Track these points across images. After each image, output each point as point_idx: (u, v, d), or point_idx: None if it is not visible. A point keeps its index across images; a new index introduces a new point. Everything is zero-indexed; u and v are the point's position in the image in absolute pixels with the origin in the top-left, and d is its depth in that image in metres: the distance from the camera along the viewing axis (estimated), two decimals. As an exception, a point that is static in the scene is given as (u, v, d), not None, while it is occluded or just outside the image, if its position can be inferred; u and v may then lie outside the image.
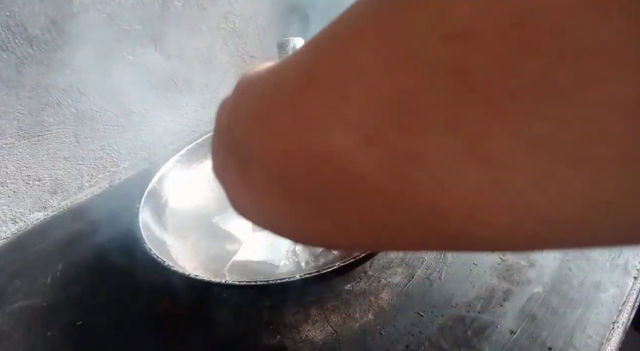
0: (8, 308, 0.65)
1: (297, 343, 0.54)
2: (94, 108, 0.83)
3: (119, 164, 0.92)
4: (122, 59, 0.84)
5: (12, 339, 0.60)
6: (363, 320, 0.55)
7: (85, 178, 0.87)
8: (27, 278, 0.70)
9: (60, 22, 0.74)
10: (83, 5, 0.76)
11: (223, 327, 0.58)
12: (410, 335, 0.52)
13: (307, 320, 0.56)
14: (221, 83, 1.05)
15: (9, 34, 0.69)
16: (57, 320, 0.63)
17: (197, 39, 0.95)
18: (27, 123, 0.75)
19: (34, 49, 0.72)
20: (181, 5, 0.90)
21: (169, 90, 0.95)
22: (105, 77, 0.83)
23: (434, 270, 0.60)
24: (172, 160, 0.72)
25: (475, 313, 0.53)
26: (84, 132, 0.83)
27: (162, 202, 0.67)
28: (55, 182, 0.82)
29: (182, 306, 0.61)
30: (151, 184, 0.66)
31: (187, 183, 0.73)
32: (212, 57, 1.00)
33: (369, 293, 0.59)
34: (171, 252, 0.60)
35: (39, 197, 0.81)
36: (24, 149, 0.76)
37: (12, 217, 0.79)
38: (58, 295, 0.67)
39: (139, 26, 0.85)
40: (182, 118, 0.99)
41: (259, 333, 0.56)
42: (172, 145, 0.99)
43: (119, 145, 0.90)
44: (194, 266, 0.61)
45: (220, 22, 0.99)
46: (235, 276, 0.64)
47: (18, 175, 0.77)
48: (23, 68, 0.72)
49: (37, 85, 0.74)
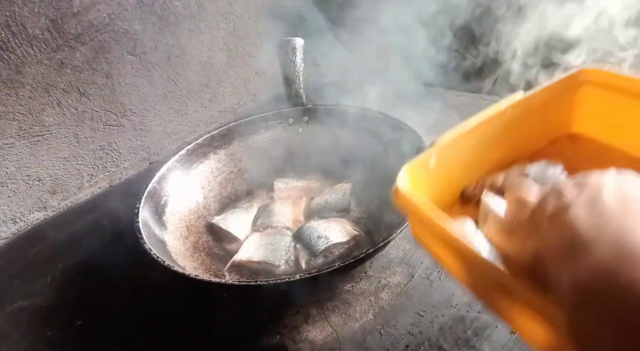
0: (8, 308, 0.65)
1: (297, 343, 0.54)
2: (94, 108, 0.83)
3: (119, 164, 0.92)
4: (122, 58, 0.84)
5: (12, 339, 0.60)
6: (363, 320, 0.55)
7: (85, 178, 0.87)
8: (27, 278, 0.70)
9: (60, 22, 0.74)
10: (83, 5, 0.76)
11: (223, 327, 0.58)
12: (410, 335, 0.52)
13: (307, 320, 0.56)
14: (221, 83, 1.05)
15: (9, 34, 0.69)
16: (57, 320, 0.63)
17: (197, 39, 0.95)
18: (27, 123, 0.75)
19: (34, 49, 0.72)
20: (181, 5, 0.90)
21: (169, 90, 0.95)
22: (106, 77, 0.83)
23: (434, 270, 0.60)
24: (172, 160, 0.72)
25: (475, 313, 0.53)
26: (84, 132, 0.83)
27: (162, 202, 0.67)
28: (55, 182, 0.82)
29: (182, 306, 0.61)
30: (151, 184, 0.66)
31: (187, 183, 0.73)
32: (212, 57, 1.00)
33: (369, 293, 0.59)
34: (171, 252, 0.59)
35: (39, 197, 0.81)
36: (24, 149, 0.76)
37: (12, 217, 0.79)
38: (58, 295, 0.67)
39: (139, 26, 0.85)
40: (182, 118, 0.99)
41: (259, 333, 0.56)
42: (172, 145, 0.99)
43: (119, 145, 0.90)
44: (194, 266, 0.61)
45: (220, 22, 0.99)
46: (235, 276, 0.64)
47: (18, 175, 0.77)
48: (23, 68, 0.72)
49: (37, 85, 0.74)
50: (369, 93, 0.85)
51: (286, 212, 0.73)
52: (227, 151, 0.80)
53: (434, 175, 0.43)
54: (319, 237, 0.64)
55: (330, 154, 0.80)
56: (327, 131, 0.82)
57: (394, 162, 0.68)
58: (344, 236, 0.65)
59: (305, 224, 0.68)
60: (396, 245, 0.64)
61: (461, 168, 0.48)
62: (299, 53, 0.78)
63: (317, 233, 0.64)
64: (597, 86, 0.51)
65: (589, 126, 0.54)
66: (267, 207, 0.74)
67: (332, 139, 0.81)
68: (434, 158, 0.42)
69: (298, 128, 0.83)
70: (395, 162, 0.68)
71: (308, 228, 0.66)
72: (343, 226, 0.66)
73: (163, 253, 0.55)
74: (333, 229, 0.65)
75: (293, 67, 0.78)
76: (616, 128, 0.51)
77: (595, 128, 0.54)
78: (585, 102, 0.53)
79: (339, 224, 0.67)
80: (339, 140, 0.80)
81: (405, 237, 0.66)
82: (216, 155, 0.79)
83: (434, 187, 0.44)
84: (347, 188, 0.74)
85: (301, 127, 0.83)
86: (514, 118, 0.48)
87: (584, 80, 0.51)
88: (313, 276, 0.48)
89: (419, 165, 0.41)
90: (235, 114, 1.10)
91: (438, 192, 0.46)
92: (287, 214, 0.73)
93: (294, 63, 0.77)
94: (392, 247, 0.64)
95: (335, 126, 0.81)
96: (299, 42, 0.78)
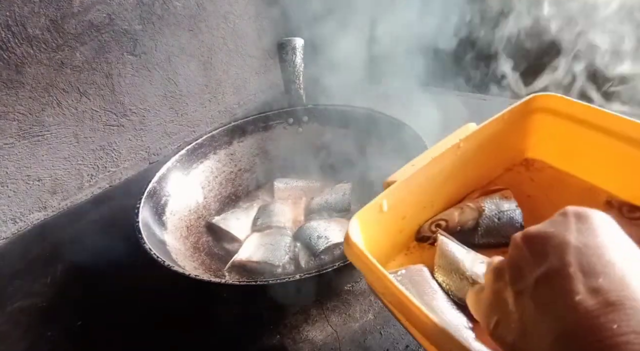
0: (8, 308, 0.65)
1: (297, 343, 0.54)
2: (93, 108, 0.83)
3: (119, 164, 0.92)
4: (122, 58, 0.84)
5: (12, 339, 0.60)
6: (363, 320, 0.55)
7: (85, 178, 0.87)
8: (27, 278, 0.70)
9: (60, 22, 0.74)
10: (83, 5, 0.76)
11: (223, 327, 0.58)
12: (411, 335, 0.52)
13: (307, 320, 0.56)
14: (221, 83, 1.05)
15: (9, 34, 0.69)
16: (57, 320, 0.63)
17: (197, 39, 0.95)
18: (27, 123, 0.75)
19: (34, 49, 0.72)
20: (181, 5, 0.90)
21: (169, 90, 0.95)
22: (106, 77, 0.83)
23: (434, 270, 0.60)
24: (172, 160, 0.72)
25: (475, 313, 0.53)
26: (84, 132, 0.83)
27: (162, 202, 0.67)
28: (55, 182, 0.82)
29: (182, 306, 0.61)
30: (151, 184, 0.66)
31: (187, 183, 0.73)
32: (212, 57, 1.00)
33: (369, 293, 0.59)
34: (171, 252, 0.60)
35: (39, 197, 0.81)
36: (24, 149, 0.76)
37: (12, 217, 0.79)
38: (58, 295, 0.67)
39: (139, 26, 0.85)
40: (182, 118, 0.99)
41: (259, 333, 0.56)
42: (172, 145, 0.99)
43: (119, 145, 0.90)
44: (194, 266, 0.61)
45: (220, 22, 0.99)
46: (235, 276, 0.64)
47: (18, 175, 0.77)
48: (23, 68, 0.72)
49: (37, 85, 0.74)
50: (369, 93, 0.85)
51: (286, 212, 0.74)
52: (227, 151, 0.80)
53: (387, 218, 0.43)
54: (319, 237, 0.64)
55: (330, 154, 0.80)
56: (327, 131, 0.82)
57: (394, 162, 0.68)
58: (343, 236, 0.65)
59: (305, 224, 0.68)
60: (396, 245, 0.64)
61: (416, 207, 0.47)
62: (299, 53, 0.78)
63: (317, 233, 0.64)
64: (549, 113, 0.51)
65: (543, 152, 0.54)
66: (267, 207, 0.74)
67: (332, 139, 0.81)
68: (386, 203, 0.42)
69: (298, 128, 0.83)
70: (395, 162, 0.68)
71: (308, 228, 0.66)
72: (343, 226, 0.66)
73: (163, 253, 0.55)
74: (333, 229, 0.65)
75: (293, 67, 0.78)
76: (570, 154, 0.51)
77: (550, 154, 0.53)
78: (539, 128, 0.52)
79: (339, 224, 0.67)
80: (338, 140, 0.80)
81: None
82: (216, 155, 0.79)
83: (388, 229, 0.44)
84: (347, 188, 0.74)
85: (301, 127, 0.83)
86: (468, 151, 0.47)
87: (538, 107, 0.51)
88: (313, 276, 0.48)
89: (371, 210, 0.41)
90: (235, 114, 1.10)
91: (393, 233, 0.46)
92: (287, 214, 0.73)
93: (294, 63, 0.78)
94: (392, 247, 0.64)
95: (335, 126, 0.81)
96: (299, 42, 0.78)
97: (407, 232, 0.48)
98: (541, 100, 0.50)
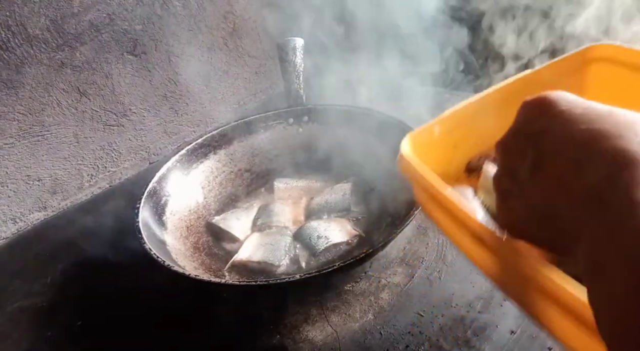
0: (8, 308, 0.65)
1: (297, 343, 0.54)
2: (93, 108, 0.83)
3: (119, 164, 0.92)
4: (122, 58, 0.84)
5: (12, 339, 0.60)
6: (363, 320, 0.55)
7: (85, 178, 0.87)
8: (27, 278, 0.70)
9: (60, 22, 0.74)
10: (83, 5, 0.76)
11: (223, 327, 0.58)
12: (410, 335, 0.52)
13: (307, 320, 0.56)
14: (221, 83, 1.05)
15: (9, 34, 0.69)
16: (57, 320, 0.63)
17: (197, 39, 0.96)
18: (27, 123, 0.75)
19: (34, 49, 0.72)
20: (181, 5, 0.90)
21: (169, 90, 0.95)
22: (106, 77, 0.83)
23: (434, 270, 0.60)
24: (172, 160, 0.72)
25: (475, 313, 0.53)
26: (84, 132, 0.83)
27: (162, 202, 0.67)
28: (55, 182, 0.82)
29: (182, 306, 0.61)
30: (151, 184, 0.66)
31: (187, 183, 0.73)
32: (212, 57, 1.00)
33: (369, 293, 0.59)
34: (171, 252, 0.59)
35: (39, 197, 0.81)
36: (24, 149, 0.76)
37: (12, 217, 0.79)
38: (58, 295, 0.67)
39: (139, 26, 0.85)
40: (182, 118, 0.99)
41: (259, 333, 0.56)
42: (172, 145, 0.99)
43: (119, 145, 0.90)
44: (194, 266, 0.61)
45: (220, 22, 0.99)
46: (235, 276, 0.64)
47: (18, 175, 0.77)
48: (23, 68, 0.72)
49: (37, 85, 0.74)
50: (370, 93, 0.85)
51: (286, 212, 0.73)
52: (227, 151, 0.80)
53: (439, 145, 0.43)
54: (319, 237, 0.64)
55: (330, 154, 0.80)
56: (327, 131, 0.82)
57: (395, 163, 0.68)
58: (344, 236, 0.65)
59: (305, 224, 0.68)
60: (396, 245, 0.64)
61: (467, 140, 0.47)
62: (299, 53, 0.78)
63: (317, 233, 0.64)
64: (608, 62, 0.48)
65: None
66: (267, 207, 0.74)
67: (332, 139, 0.81)
68: (438, 127, 0.42)
69: (298, 128, 0.83)
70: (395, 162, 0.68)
71: (308, 228, 0.66)
72: (343, 226, 0.66)
73: (163, 253, 0.55)
74: (333, 229, 0.65)
75: (293, 67, 0.78)
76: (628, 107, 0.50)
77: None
78: (595, 79, 0.50)
79: (339, 224, 0.67)
80: (338, 140, 0.80)
81: (405, 237, 0.66)
82: (216, 155, 0.79)
83: (439, 157, 0.44)
84: (347, 188, 0.74)
85: (301, 127, 0.83)
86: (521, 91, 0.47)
87: (595, 57, 0.49)
88: (313, 276, 0.48)
89: (423, 133, 0.41)
90: (235, 114, 1.10)
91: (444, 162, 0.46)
92: (287, 214, 0.73)
93: (294, 63, 0.77)
94: (392, 247, 0.64)
95: (335, 126, 0.81)
96: (299, 42, 0.78)
97: (457, 164, 0.47)
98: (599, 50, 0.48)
